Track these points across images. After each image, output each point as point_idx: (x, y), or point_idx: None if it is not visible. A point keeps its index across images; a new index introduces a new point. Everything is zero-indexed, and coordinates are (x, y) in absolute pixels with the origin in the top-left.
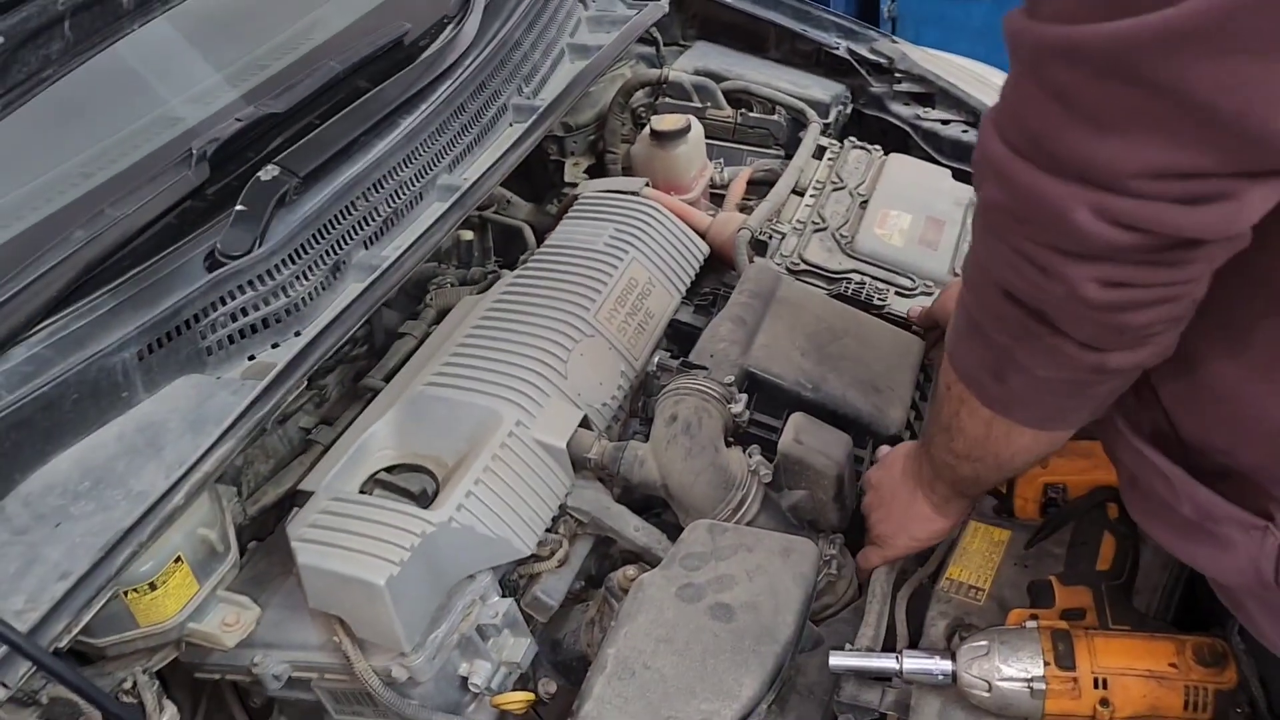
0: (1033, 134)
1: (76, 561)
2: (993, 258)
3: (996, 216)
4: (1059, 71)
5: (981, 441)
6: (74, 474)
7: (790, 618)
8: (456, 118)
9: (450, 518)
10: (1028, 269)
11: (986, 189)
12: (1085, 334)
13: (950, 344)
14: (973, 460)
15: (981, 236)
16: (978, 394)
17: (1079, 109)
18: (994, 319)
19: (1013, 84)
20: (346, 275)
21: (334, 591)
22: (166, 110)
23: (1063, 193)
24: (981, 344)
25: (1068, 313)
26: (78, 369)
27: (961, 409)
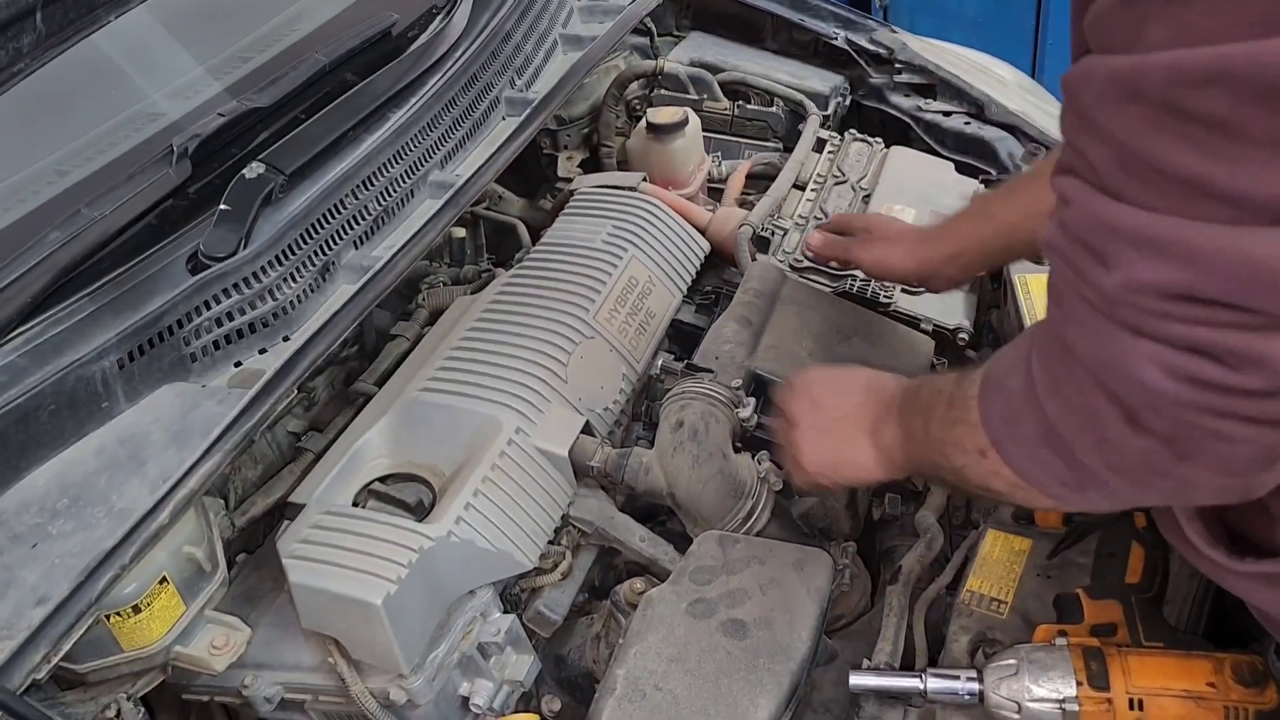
0: (1187, 182)
1: (55, 585)
2: (1123, 365)
3: (1154, 304)
4: (1204, 101)
5: (1003, 495)
6: (52, 490)
7: (805, 634)
8: (448, 112)
9: (449, 531)
10: (1200, 366)
11: (1131, 272)
12: (1246, 450)
13: (997, 431)
14: (977, 490)
15: (1100, 342)
16: (1033, 485)
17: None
18: (1094, 444)
19: (1132, 132)
20: (336, 277)
21: (328, 611)
22: (146, 105)
23: (1270, 243)
24: (1058, 458)
25: (1232, 418)
26: (55, 378)
27: (992, 477)
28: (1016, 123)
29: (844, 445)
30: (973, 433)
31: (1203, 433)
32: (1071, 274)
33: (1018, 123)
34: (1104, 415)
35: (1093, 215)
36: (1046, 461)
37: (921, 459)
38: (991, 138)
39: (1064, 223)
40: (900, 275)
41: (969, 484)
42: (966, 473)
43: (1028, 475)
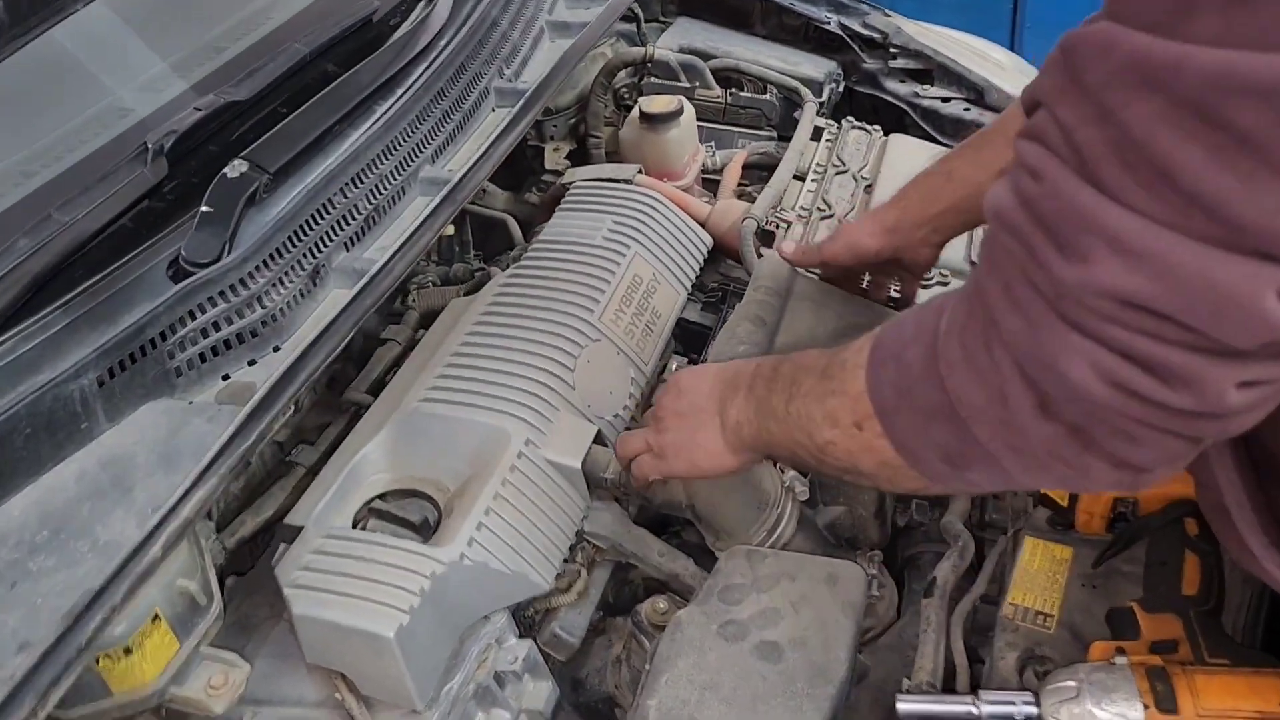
0: (1195, 196)
1: (38, 629)
2: (1052, 357)
3: (1107, 307)
4: (1243, 112)
5: (866, 474)
6: (30, 522)
7: (842, 653)
8: (437, 104)
9: (461, 554)
10: (1134, 376)
11: (1096, 271)
12: (1152, 453)
13: (886, 401)
14: (834, 470)
15: (1035, 331)
16: (911, 463)
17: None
18: (996, 423)
19: (1147, 126)
20: (328, 281)
21: (335, 645)
22: (114, 100)
23: (1246, 274)
24: (950, 433)
25: (1150, 427)
26: (30, 399)
27: (863, 454)
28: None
29: (695, 427)
30: (851, 404)
31: (1114, 432)
32: (1022, 252)
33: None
34: (1015, 398)
35: (1068, 201)
36: (934, 437)
37: (776, 437)
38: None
39: (1028, 198)
40: (875, 251)
41: (829, 463)
42: (832, 450)
43: (909, 450)
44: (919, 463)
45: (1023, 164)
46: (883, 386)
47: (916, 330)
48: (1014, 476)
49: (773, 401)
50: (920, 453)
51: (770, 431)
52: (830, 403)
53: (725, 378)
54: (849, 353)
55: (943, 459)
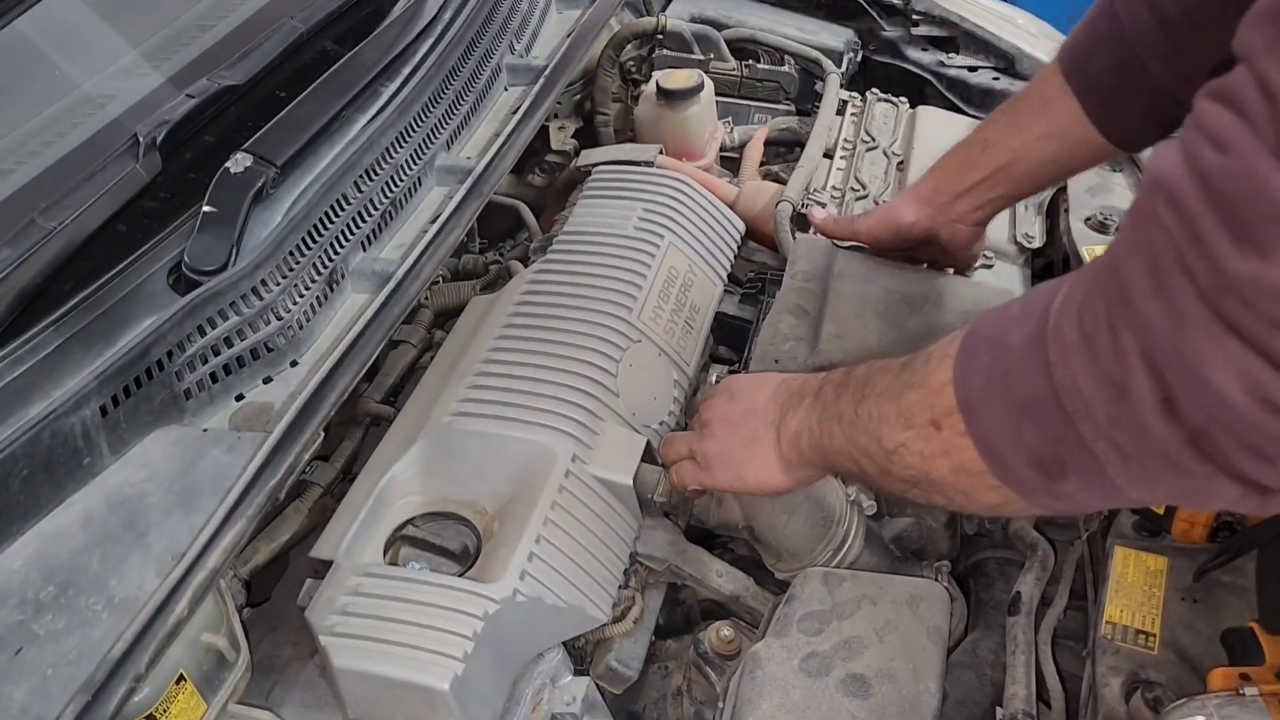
0: None
1: (52, 704)
2: (1195, 357)
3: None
4: None
5: (937, 485)
6: (32, 576)
7: (933, 684)
8: (448, 84)
9: (514, 590)
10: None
11: (1277, 270)
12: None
13: (974, 392)
14: (900, 482)
15: (1180, 325)
16: (994, 468)
17: None
18: (1108, 420)
19: None
20: (345, 286)
21: (383, 700)
22: (94, 86)
23: None
24: (1048, 432)
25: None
26: (26, 436)
27: (937, 458)
28: None
29: (747, 438)
30: (930, 398)
31: (1246, 447)
32: (1182, 232)
33: None
34: (1137, 392)
35: (1259, 183)
36: (1026, 436)
37: (838, 443)
38: None
39: (1205, 171)
40: (910, 224)
41: (896, 473)
42: (902, 455)
43: (994, 451)
44: (1004, 468)
45: (1204, 128)
46: (972, 376)
47: (1023, 311)
48: (1117, 488)
49: (840, 405)
50: (1007, 455)
51: (833, 437)
52: (907, 398)
53: (791, 386)
54: (936, 345)
55: (1033, 464)
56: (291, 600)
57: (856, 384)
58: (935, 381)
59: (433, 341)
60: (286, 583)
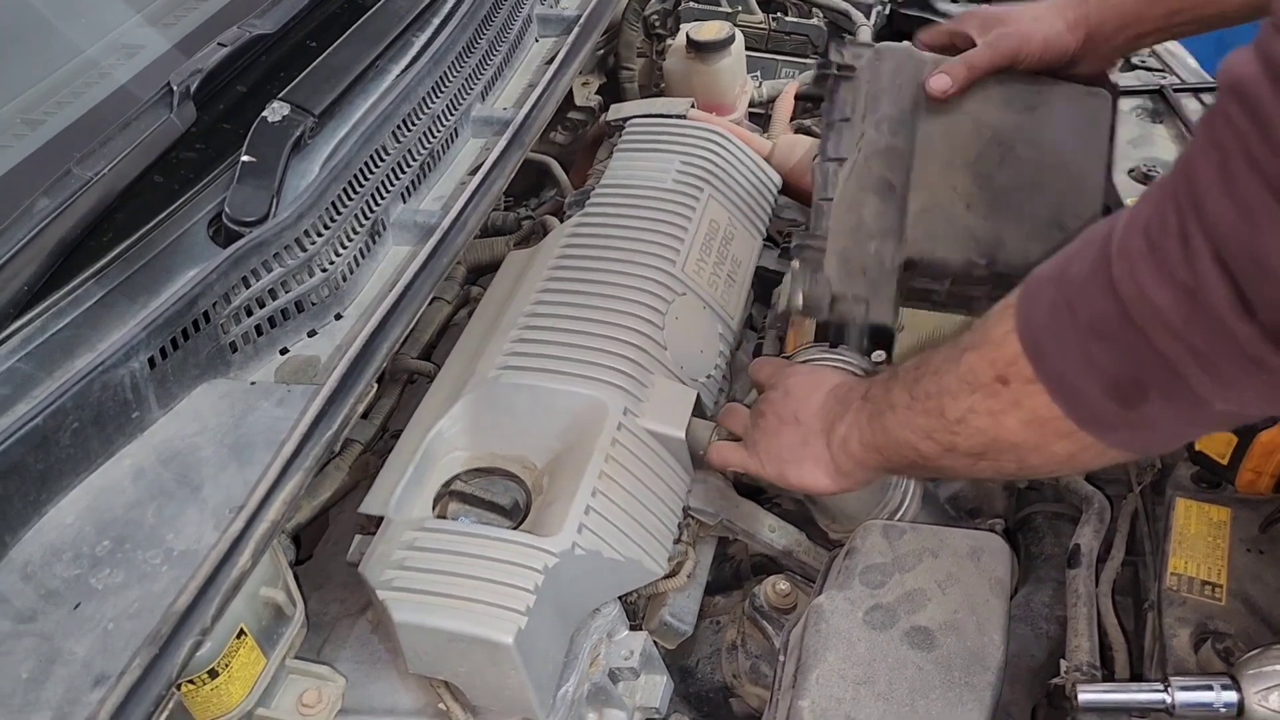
0: None
1: (115, 659)
2: (1265, 252)
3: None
4: None
5: (1009, 445)
6: (86, 530)
7: (997, 636)
8: (481, 35)
9: (573, 543)
10: None
11: None
12: None
13: (1040, 330)
14: (967, 457)
15: (1251, 220)
16: (1069, 406)
17: None
18: (1184, 325)
19: None
20: (386, 238)
21: (445, 654)
22: (122, 34)
23: None
24: (1122, 352)
25: None
26: (76, 389)
27: (1007, 414)
28: None
29: (797, 441)
30: (993, 353)
31: None
32: (1253, 130)
33: None
34: (1210, 292)
35: None
36: (1097, 361)
37: (895, 437)
38: None
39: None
40: (1049, 40)
41: (963, 443)
42: (968, 422)
43: (1068, 387)
44: (1080, 403)
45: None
46: (1035, 315)
47: (1083, 243)
48: (1201, 400)
49: (892, 395)
50: (1082, 388)
51: (887, 431)
52: (966, 360)
53: (839, 395)
54: (995, 306)
55: (1111, 392)
56: (336, 558)
57: (907, 372)
58: (997, 334)
59: (468, 297)
60: (329, 541)
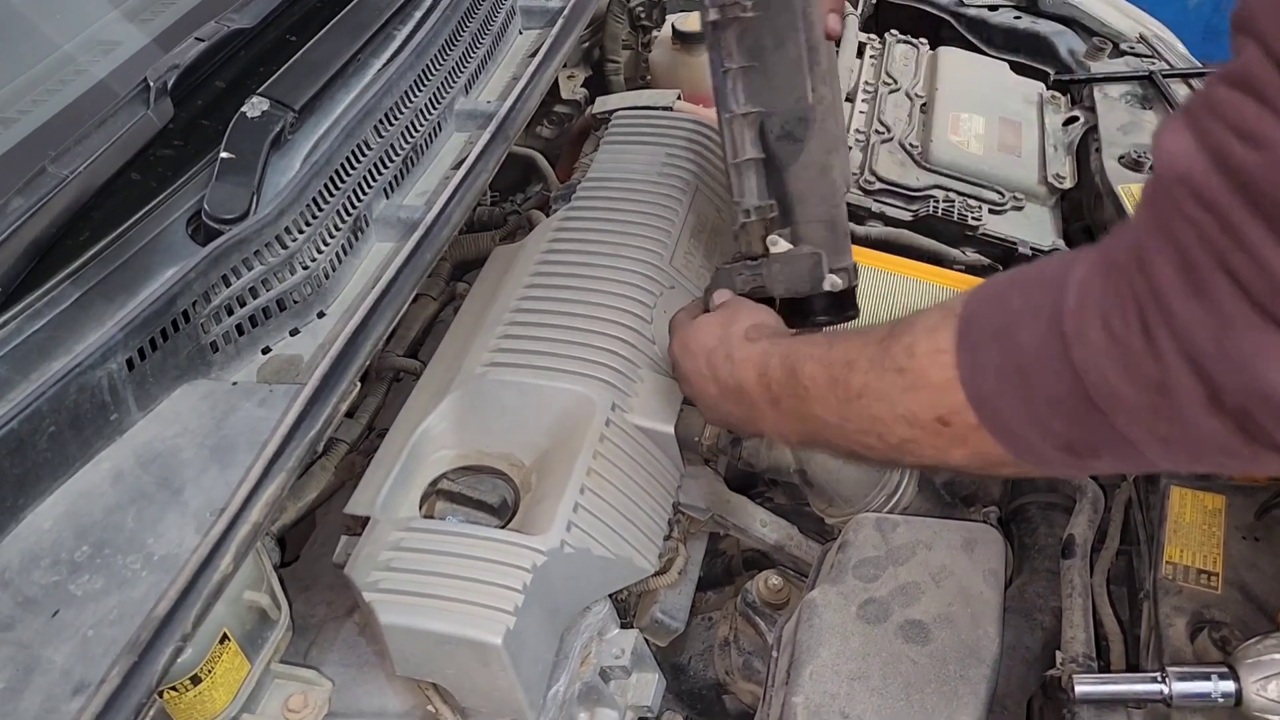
0: None
1: (95, 666)
2: (1245, 358)
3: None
4: None
5: (953, 468)
6: (64, 536)
7: (992, 629)
8: (463, 27)
9: (562, 541)
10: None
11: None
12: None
13: (986, 388)
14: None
15: (1227, 328)
16: (1018, 453)
17: None
18: (1149, 415)
19: None
20: (369, 234)
21: (433, 656)
22: (97, 31)
23: None
24: (1079, 424)
25: None
26: (51, 391)
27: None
28: (1074, 14)
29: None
30: (933, 398)
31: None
32: (1217, 232)
33: (1076, 14)
34: (1181, 392)
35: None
36: (1054, 427)
37: (835, 445)
38: (1048, 32)
39: (1235, 167)
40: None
41: (908, 460)
42: (912, 448)
43: (1017, 440)
44: (1029, 453)
45: (1228, 120)
46: (981, 373)
47: (1026, 304)
48: (1155, 463)
49: (816, 411)
50: (1033, 443)
51: (827, 442)
52: (905, 403)
53: (729, 391)
54: (914, 334)
55: (1062, 448)
56: (322, 560)
57: (819, 388)
58: (936, 379)
59: (454, 294)
60: (315, 543)
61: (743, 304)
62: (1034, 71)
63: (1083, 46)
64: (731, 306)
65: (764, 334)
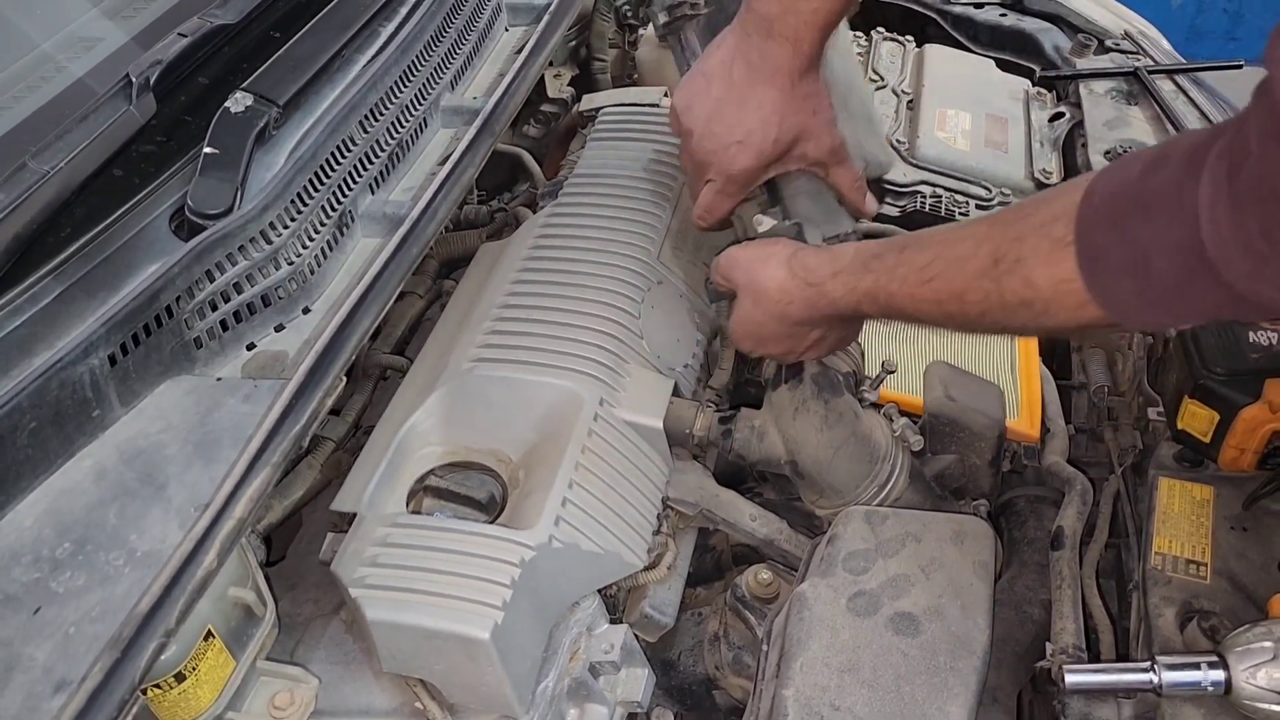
0: None
1: (76, 664)
2: None
3: None
4: None
5: (1021, 307)
6: (46, 533)
7: (982, 620)
8: (449, 23)
9: (550, 536)
10: None
11: None
12: None
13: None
14: (975, 320)
15: None
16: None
17: None
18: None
19: None
20: (355, 229)
21: (420, 651)
22: (78, 28)
23: None
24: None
25: None
26: (32, 387)
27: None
28: (1060, 11)
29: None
30: (1071, 316)
31: None
32: None
33: (1061, 11)
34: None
35: None
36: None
37: (895, 299)
38: (1033, 30)
39: None
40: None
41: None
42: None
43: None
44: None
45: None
46: (1122, 298)
47: (1154, 235)
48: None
49: (875, 286)
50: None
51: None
52: (1038, 322)
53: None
54: (1027, 266)
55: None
56: (308, 558)
57: (936, 320)
58: (1070, 304)
59: (441, 291)
60: (301, 541)
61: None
62: (1020, 68)
63: (1068, 43)
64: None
65: (829, 264)
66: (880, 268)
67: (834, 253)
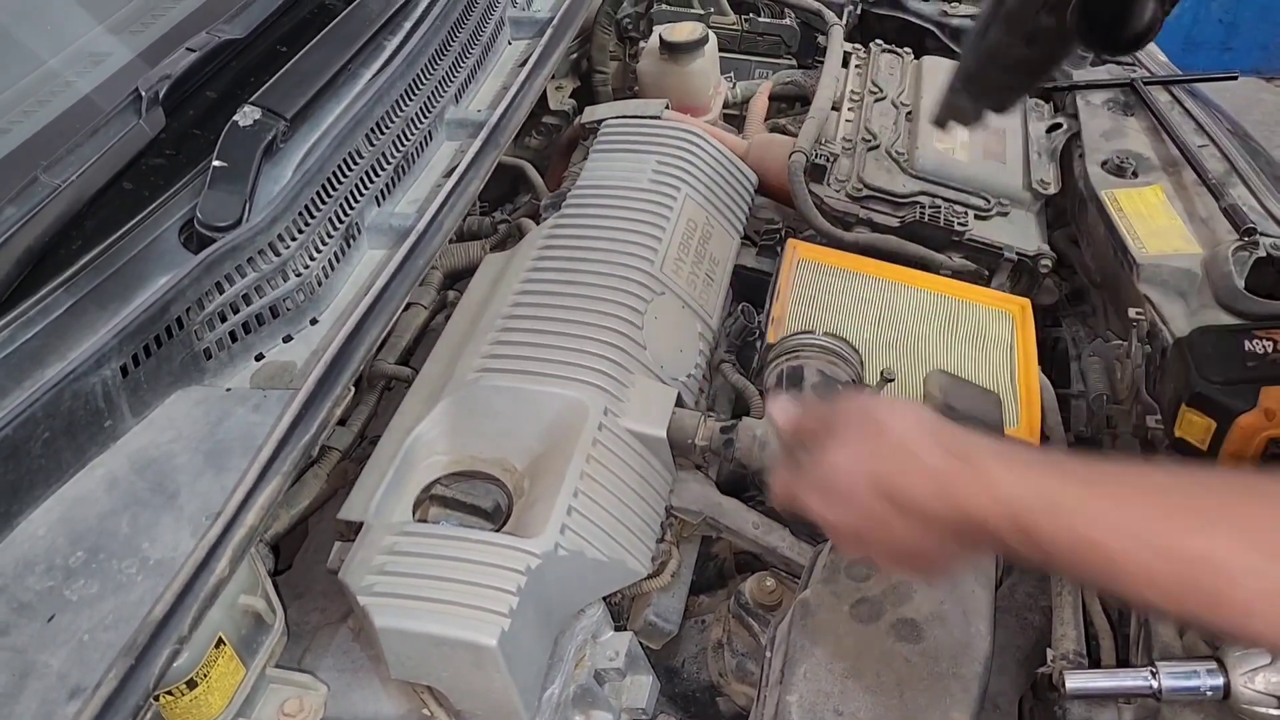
0: None
1: (91, 670)
2: None
3: None
4: None
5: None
6: (59, 541)
7: (984, 626)
8: (453, 37)
9: (555, 544)
10: None
11: None
12: None
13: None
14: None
15: None
16: None
17: None
18: None
19: None
20: (361, 241)
21: (427, 659)
22: (87, 43)
23: None
24: None
25: None
26: (46, 397)
27: None
28: None
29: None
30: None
31: None
32: None
33: None
34: None
35: None
36: None
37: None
38: None
39: None
40: None
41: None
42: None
43: None
44: None
45: None
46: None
47: None
48: None
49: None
50: None
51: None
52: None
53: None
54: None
55: None
56: (315, 567)
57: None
58: None
59: (445, 302)
60: (308, 550)
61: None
62: None
63: None
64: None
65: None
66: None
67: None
